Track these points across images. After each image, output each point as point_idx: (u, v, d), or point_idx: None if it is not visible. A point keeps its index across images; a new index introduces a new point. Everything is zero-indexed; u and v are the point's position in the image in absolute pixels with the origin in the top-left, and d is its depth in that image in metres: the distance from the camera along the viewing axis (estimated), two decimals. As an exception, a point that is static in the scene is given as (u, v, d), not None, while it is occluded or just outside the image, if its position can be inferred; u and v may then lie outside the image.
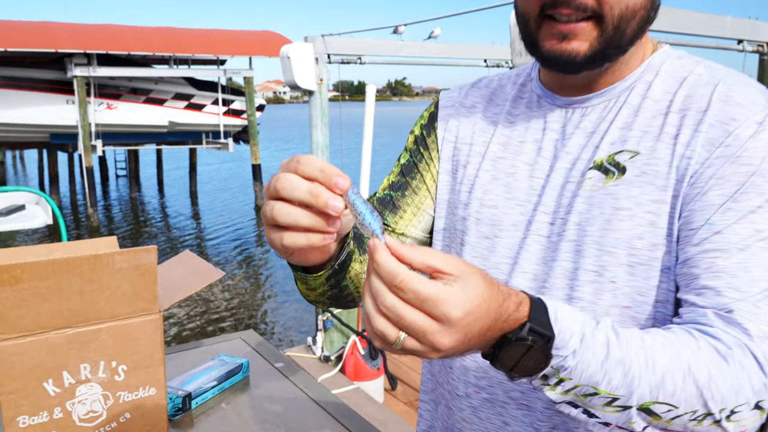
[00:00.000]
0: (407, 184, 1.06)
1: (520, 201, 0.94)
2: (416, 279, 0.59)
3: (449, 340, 0.60)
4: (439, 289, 0.59)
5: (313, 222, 0.66)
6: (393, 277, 0.59)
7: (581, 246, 0.86)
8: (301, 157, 0.67)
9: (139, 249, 1.10)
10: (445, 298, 0.59)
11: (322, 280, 0.87)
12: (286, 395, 1.44)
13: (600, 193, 0.85)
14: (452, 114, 1.07)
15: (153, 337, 1.15)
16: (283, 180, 0.66)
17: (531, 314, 0.67)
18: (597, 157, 0.87)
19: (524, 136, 0.97)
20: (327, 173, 0.65)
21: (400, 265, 0.60)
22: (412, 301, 0.59)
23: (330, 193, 0.65)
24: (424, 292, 0.59)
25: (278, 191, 0.66)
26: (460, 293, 0.60)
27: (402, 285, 0.59)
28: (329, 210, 0.64)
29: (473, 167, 1.00)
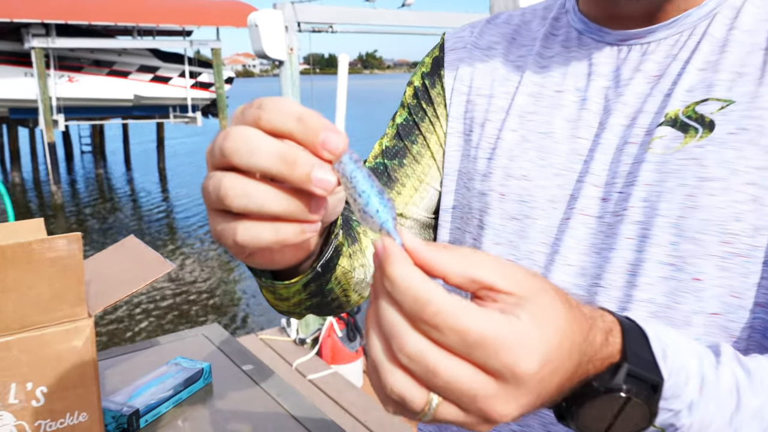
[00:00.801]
0: (406, 150, 0.83)
1: (560, 169, 0.71)
2: (460, 309, 0.36)
3: (513, 406, 0.37)
4: (499, 325, 0.36)
5: (285, 206, 0.41)
6: (421, 306, 0.36)
7: (650, 230, 0.63)
8: (266, 101, 0.42)
9: (58, 237, 0.84)
10: (510, 342, 0.36)
11: (297, 288, 0.64)
12: (256, 407, 1.20)
13: (677, 157, 0.63)
14: (464, 58, 0.83)
15: (81, 350, 0.90)
16: (235, 137, 0.41)
17: (626, 348, 0.44)
18: (669, 108, 0.65)
19: (562, 83, 0.75)
20: (309, 124, 0.40)
21: (430, 284, 0.37)
22: (454, 347, 0.36)
23: (313, 159, 0.40)
24: (475, 333, 0.36)
25: (228, 156, 0.41)
26: (533, 330, 0.37)
27: (436, 320, 0.36)
28: (312, 187, 0.40)
29: (494, 126, 0.77)
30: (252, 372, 1.34)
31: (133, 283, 0.97)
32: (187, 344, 1.46)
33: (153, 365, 1.31)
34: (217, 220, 0.44)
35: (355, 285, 0.77)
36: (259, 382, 1.29)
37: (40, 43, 16.33)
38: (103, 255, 1.10)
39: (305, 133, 0.40)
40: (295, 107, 0.41)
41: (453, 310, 0.36)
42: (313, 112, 0.41)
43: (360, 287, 0.78)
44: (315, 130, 0.40)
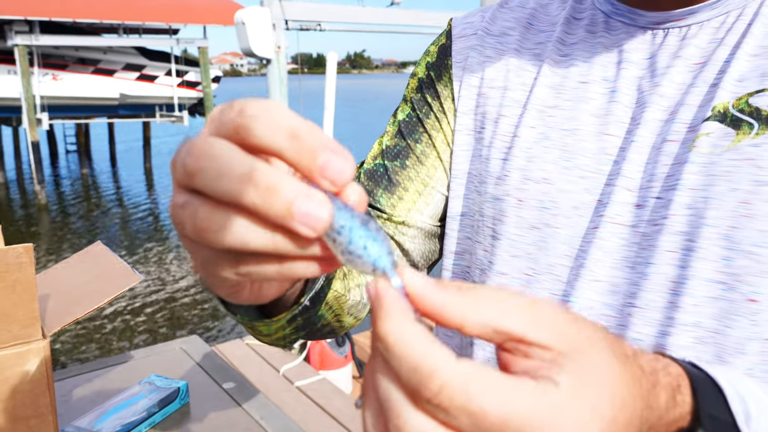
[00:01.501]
0: (409, 150, 0.73)
1: (586, 171, 0.62)
2: (474, 383, 0.27)
3: None
4: (530, 402, 0.27)
5: (280, 245, 0.31)
6: (421, 378, 0.27)
7: (696, 242, 0.54)
8: (250, 105, 0.31)
9: (6, 249, 0.73)
10: (547, 426, 0.27)
11: (280, 325, 0.54)
12: (237, 431, 1.10)
13: (728, 157, 0.54)
14: (474, 46, 0.73)
15: (35, 375, 0.79)
16: (200, 152, 0.30)
17: (700, 410, 0.35)
18: (717, 101, 0.56)
19: (587, 73, 0.65)
20: (305, 143, 0.30)
21: (434, 349, 0.27)
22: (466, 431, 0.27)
23: (298, 187, 0.29)
24: (494, 416, 0.26)
25: (190, 176, 0.31)
26: (578, 405, 0.28)
27: (441, 398, 0.27)
28: (295, 224, 0.29)
29: (509, 122, 0.67)
30: (233, 391, 1.23)
31: (96, 298, 0.86)
32: (162, 359, 1.35)
33: (124, 384, 1.20)
34: (197, 252, 0.34)
35: (349, 309, 0.68)
36: (241, 403, 1.18)
37: (24, 40, 16.10)
38: (66, 264, 0.99)
39: (299, 154, 0.30)
40: (288, 117, 0.30)
41: (463, 384, 0.26)
42: (310, 126, 0.30)
43: (356, 310, 0.69)
44: (313, 150, 0.30)
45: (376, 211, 0.73)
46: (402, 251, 0.73)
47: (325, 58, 7.69)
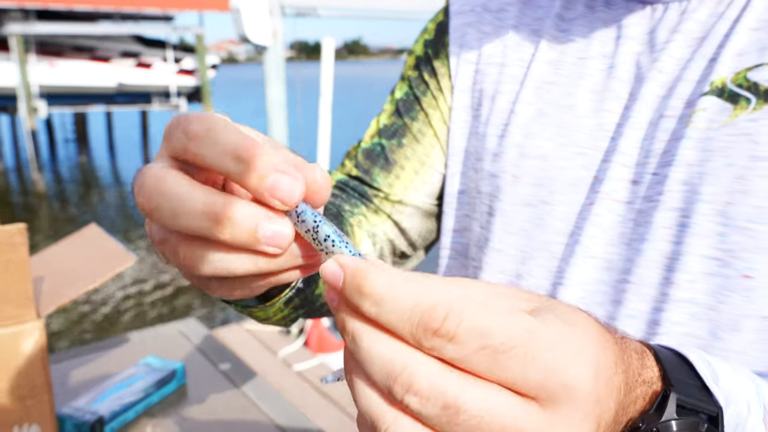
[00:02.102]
0: (405, 128, 0.73)
1: (583, 147, 0.61)
2: (476, 306, 0.27)
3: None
4: (530, 324, 0.28)
5: (263, 267, 0.33)
6: (424, 311, 0.27)
7: (691, 218, 0.54)
8: (194, 123, 0.31)
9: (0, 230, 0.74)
10: (550, 342, 0.27)
11: (277, 308, 0.55)
12: (233, 412, 1.11)
13: (725, 132, 0.53)
14: (472, 22, 0.73)
15: (29, 355, 0.79)
16: (150, 191, 0.31)
17: (668, 374, 0.36)
18: (715, 75, 0.55)
19: (586, 49, 0.64)
20: (251, 165, 0.30)
21: (424, 283, 0.28)
22: (477, 362, 0.27)
23: (257, 212, 0.31)
24: (502, 333, 0.27)
25: (150, 216, 0.32)
26: (570, 331, 0.29)
27: (449, 324, 0.27)
28: (264, 248, 0.31)
29: (506, 99, 0.67)
30: (230, 371, 1.24)
31: (91, 279, 0.87)
32: (159, 341, 1.36)
33: (121, 366, 1.21)
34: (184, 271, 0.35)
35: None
36: (237, 383, 1.19)
37: (19, 28, 16.00)
38: (60, 246, 0.99)
39: (246, 177, 0.30)
40: (232, 137, 0.31)
41: (468, 307, 0.27)
42: (256, 143, 0.31)
43: None
44: (259, 173, 0.30)
45: (374, 190, 0.73)
46: (399, 230, 0.73)
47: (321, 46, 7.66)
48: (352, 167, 0.75)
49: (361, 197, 0.73)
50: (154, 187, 0.31)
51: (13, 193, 15.86)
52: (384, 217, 0.73)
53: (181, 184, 0.31)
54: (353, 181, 0.75)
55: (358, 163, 0.75)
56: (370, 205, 0.73)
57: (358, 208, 0.72)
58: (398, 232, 0.74)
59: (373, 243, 0.71)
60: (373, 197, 0.73)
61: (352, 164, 0.75)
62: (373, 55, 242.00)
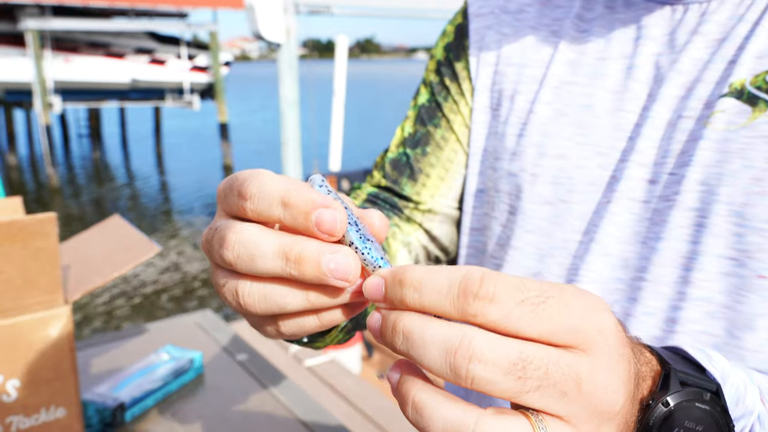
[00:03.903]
0: (428, 137, 0.75)
1: (602, 148, 0.62)
2: (500, 275, 0.30)
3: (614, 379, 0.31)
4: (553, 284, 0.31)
5: (315, 302, 0.36)
6: (463, 282, 0.30)
7: (708, 218, 0.55)
8: (246, 183, 0.35)
9: (30, 218, 0.76)
10: (576, 298, 0.31)
11: (333, 335, 0.58)
12: (250, 399, 1.13)
13: (743, 134, 0.54)
14: (491, 24, 0.74)
15: (57, 340, 0.82)
16: (231, 243, 0.35)
17: (662, 356, 0.38)
18: (734, 77, 0.56)
19: (605, 50, 0.65)
20: (295, 208, 0.34)
21: (451, 267, 0.31)
22: (518, 317, 0.29)
23: (320, 247, 0.34)
24: (535, 290, 0.30)
25: (231, 265, 0.35)
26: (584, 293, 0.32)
27: (488, 285, 0.29)
28: (331, 281, 0.34)
29: (525, 99, 0.68)
30: (246, 362, 1.26)
31: (116, 267, 0.89)
32: (177, 332, 1.39)
33: (140, 354, 1.24)
34: (250, 318, 0.39)
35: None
36: (254, 373, 1.22)
37: (35, 24, 16.13)
38: (85, 236, 1.02)
39: (295, 219, 0.34)
40: (277, 187, 0.34)
41: (497, 273, 0.30)
42: (297, 187, 0.34)
43: None
44: (304, 213, 0.33)
45: (403, 201, 0.74)
46: (431, 238, 0.75)
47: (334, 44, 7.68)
48: (381, 178, 0.76)
49: (392, 208, 0.75)
50: (235, 239, 0.35)
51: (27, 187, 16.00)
52: (416, 226, 0.74)
53: (257, 230, 0.35)
54: (384, 192, 0.76)
55: (386, 173, 0.76)
56: (401, 215, 0.74)
57: (390, 219, 0.73)
58: (430, 240, 0.75)
59: (408, 251, 0.73)
60: (404, 208, 0.74)
61: (380, 175, 0.77)
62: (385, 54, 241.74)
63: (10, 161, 18.81)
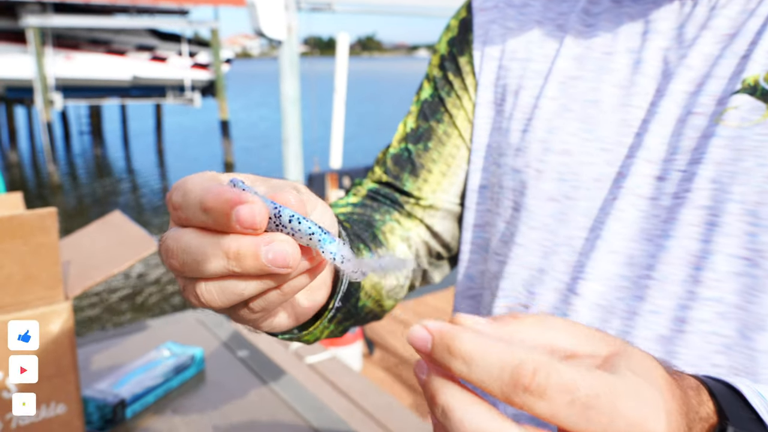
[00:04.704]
0: (431, 132, 0.74)
1: (608, 143, 0.61)
2: (558, 365, 0.29)
3: None
4: (608, 379, 0.29)
5: (270, 284, 0.37)
6: (511, 370, 0.29)
7: (720, 216, 0.53)
8: (173, 193, 0.37)
9: (30, 213, 0.76)
10: (629, 397, 0.29)
11: (321, 328, 0.56)
12: (251, 396, 1.13)
13: (757, 132, 0.53)
14: (496, 18, 0.73)
15: (57, 336, 0.82)
16: (175, 251, 0.37)
17: (723, 407, 0.37)
18: (747, 73, 0.54)
19: (612, 44, 0.64)
20: (215, 212, 0.35)
21: (506, 345, 0.30)
22: (563, 416, 0.29)
23: (255, 241, 0.35)
24: (586, 388, 0.29)
25: (181, 272, 0.37)
26: (644, 382, 0.31)
27: (537, 381, 0.28)
28: (273, 269, 0.35)
29: (530, 94, 0.67)
30: (247, 358, 1.26)
31: (117, 263, 0.89)
32: (178, 328, 1.39)
33: (141, 350, 1.23)
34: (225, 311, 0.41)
35: (388, 293, 0.68)
36: (255, 369, 1.21)
37: (36, 20, 16.13)
38: (85, 232, 1.02)
39: (218, 222, 0.35)
40: (196, 193, 0.35)
41: (553, 364, 0.29)
42: (213, 190, 0.34)
43: (394, 293, 0.70)
44: (224, 214, 0.34)
45: (404, 196, 0.73)
46: (432, 234, 0.74)
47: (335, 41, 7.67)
48: (382, 173, 0.76)
49: (393, 203, 0.74)
50: (177, 247, 0.36)
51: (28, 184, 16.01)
52: (417, 222, 0.73)
53: (193, 237, 0.36)
54: (384, 188, 0.75)
55: (387, 169, 0.75)
56: (402, 210, 0.73)
57: (390, 214, 0.72)
58: (431, 236, 0.74)
59: (408, 246, 0.71)
60: (405, 203, 0.73)
61: (381, 170, 0.76)
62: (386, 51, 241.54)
63: (11, 158, 18.82)
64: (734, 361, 0.53)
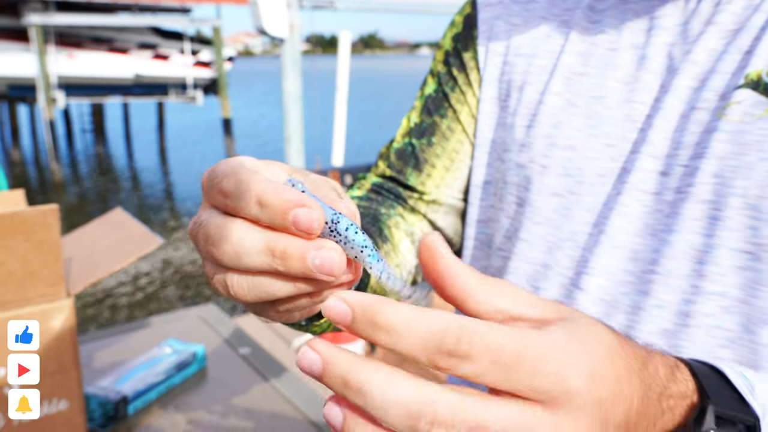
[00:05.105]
0: (434, 127, 0.74)
1: (612, 139, 0.61)
2: (483, 326, 0.29)
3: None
4: (534, 337, 0.29)
5: (303, 289, 0.36)
6: (437, 335, 0.29)
7: (722, 211, 0.54)
8: (223, 179, 0.35)
9: (31, 210, 0.76)
10: (553, 353, 0.29)
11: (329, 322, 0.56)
12: (252, 393, 1.13)
13: (760, 126, 0.53)
14: (500, 14, 0.73)
15: (59, 332, 0.82)
16: (216, 238, 0.36)
17: (704, 386, 0.37)
18: (751, 68, 0.55)
19: (617, 40, 0.64)
20: (271, 208, 0.34)
21: (432, 312, 0.30)
22: (489, 377, 0.29)
23: (304, 244, 0.34)
24: (510, 348, 0.29)
25: (219, 261, 0.36)
26: (573, 341, 0.30)
27: (461, 345, 0.29)
28: (318, 276, 0.34)
29: (535, 90, 0.67)
30: (249, 355, 1.26)
31: (118, 260, 0.89)
32: (180, 325, 1.39)
33: (143, 347, 1.23)
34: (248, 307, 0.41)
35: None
36: (256, 366, 1.21)
37: (39, 18, 16.16)
38: (87, 229, 1.02)
39: (272, 220, 0.34)
40: (253, 187, 0.34)
41: (477, 328, 0.29)
42: (273, 187, 0.34)
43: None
44: (281, 213, 0.33)
45: (408, 191, 0.73)
46: (435, 229, 0.74)
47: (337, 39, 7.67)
48: (386, 168, 0.76)
49: (396, 198, 0.74)
50: (219, 235, 0.35)
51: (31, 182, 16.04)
52: (420, 216, 0.73)
53: (239, 228, 0.35)
54: (388, 182, 0.75)
55: (390, 163, 0.75)
56: (405, 205, 0.74)
57: (394, 209, 0.73)
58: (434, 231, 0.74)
59: (411, 242, 0.72)
60: (408, 198, 0.74)
61: (385, 165, 0.76)
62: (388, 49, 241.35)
63: (14, 156, 18.85)
64: (738, 355, 0.53)
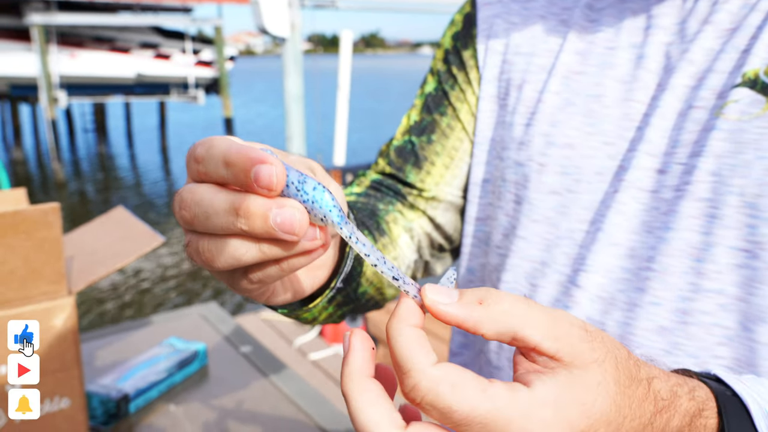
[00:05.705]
0: (434, 124, 0.74)
1: (610, 137, 0.62)
2: (443, 385, 0.32)
3: None
4: (494, 403, 0.32)
5: (268, 253, 0.37)
6: (402, 375, 0.34)
7: (720, 209, 0.54)
8: (200, 148, 0.37)
9: (34, 209, 0.76)
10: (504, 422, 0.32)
11: (320, 307, 0.56)
12: (253, 391, 1.13)
13: (757, 125, 0.53)
14: (499, 13, 0.73)
15: (61, 330, 0.82)
16: (188, 203, 0.37)
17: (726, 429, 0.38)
18: (748, 67, 0.55)
19: (615, 39, 0.64)
20: (235, 167, 0.34)
21: (414, 352, 0.34)
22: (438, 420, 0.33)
23: (266, 203, 0.34)
24: (460, 414, 0.32)
25: (189, 225, 0.37)
26: (541, 410, 0.32)
27: (415, 395, 0.33)
28: (280, 235, 0.35)
29: (533, 88, 0.68)
30: (250, 354, 1.26)
31: (120, 258, 0.89)
32: (181, 324, 1.39)
33: (145, 345, 1.24)
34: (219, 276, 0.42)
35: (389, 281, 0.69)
36: (258, 365, 1.22)
37: (41, 18, 16.17)
38: (89, 227, 1.02)
39: (236, 178, 0.35)
40: (221, 148, 0.35)
41: (432, 386, 0.32)
42: (237, 146, 0.35)
43: None
44: (244, 170, 0.34)
45: (407, 188, 0.74)
46: (434, 225, 0.74)
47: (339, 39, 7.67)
48: (385, 165, 0.76)
49: (396, 195, 0.74)
50: (191, 199, 0.36)
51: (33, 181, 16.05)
52: (419, 213, 0.74)
53: (210, 189, 0.36)
54: (387, 179, 0.75)
55: (390, 161, 0.76)
56: (405, 202, 0.74)
57: (393, 205, 0.73)
58: (434, 227, 0.75)
59: (410, 237, 0.72)
60: (407, 195, 0.74)
61: (385, 162, 0.76)
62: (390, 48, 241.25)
63: (16, 156, 18.86)
64: (736, 353, 0.53)
